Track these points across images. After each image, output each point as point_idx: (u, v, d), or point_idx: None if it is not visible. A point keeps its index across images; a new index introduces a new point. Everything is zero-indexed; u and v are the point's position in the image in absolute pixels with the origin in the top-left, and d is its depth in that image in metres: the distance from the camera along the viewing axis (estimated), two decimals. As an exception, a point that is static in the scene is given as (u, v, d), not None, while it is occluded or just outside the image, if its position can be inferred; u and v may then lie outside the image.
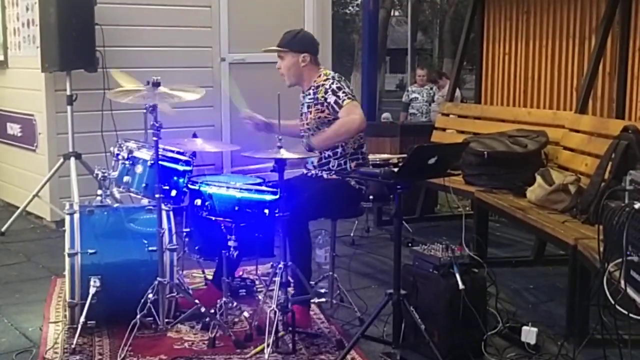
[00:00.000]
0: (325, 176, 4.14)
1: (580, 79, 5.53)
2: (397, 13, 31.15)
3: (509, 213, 4.59)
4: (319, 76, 4.18)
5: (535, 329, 3.66)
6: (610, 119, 5.14)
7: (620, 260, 2.90)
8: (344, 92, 4.03)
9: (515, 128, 5.51)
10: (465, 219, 4.45)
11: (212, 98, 6.67)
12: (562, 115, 5.51)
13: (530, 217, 4.32)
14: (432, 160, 3.46)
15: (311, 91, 4.17)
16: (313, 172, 4.20)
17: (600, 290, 2.98)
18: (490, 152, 5.07)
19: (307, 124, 4.19)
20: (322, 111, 4.09)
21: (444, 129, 6.65)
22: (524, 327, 3.69)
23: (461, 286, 3.50)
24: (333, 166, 4.11)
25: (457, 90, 8.10)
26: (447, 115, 6.78)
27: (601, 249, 3.07)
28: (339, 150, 4.10)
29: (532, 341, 3.64)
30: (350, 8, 29.38)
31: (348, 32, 28.65)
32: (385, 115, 9.58)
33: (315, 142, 4.03)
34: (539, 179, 4.57)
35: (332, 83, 4.07)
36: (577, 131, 5.08)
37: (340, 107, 4.00)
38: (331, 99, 4.03)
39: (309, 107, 4.17)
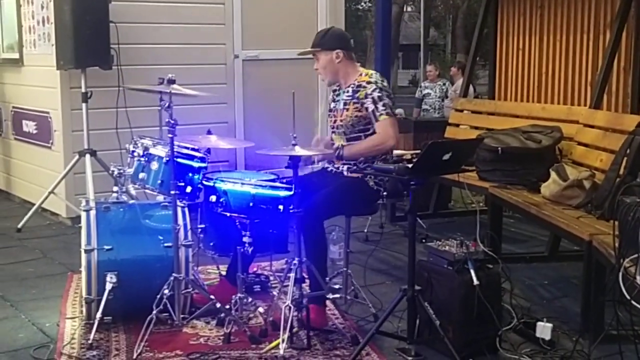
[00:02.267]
0: (345, 172, 4.15)
1: (595, 74, 5.50)
2: (409, 9, 31.16)
3: (523, 209, 4.58)
4: (360, 75, 4.18)
5: (550, 325, 3.66)
6: (625, 114, 5.12)
7: (635, 255, 2.90)
8: (383, 105, 4.05)
9: (529, 124, 5.50)
10: (479, 214, 4.45)
11: (226, 95, 6.70)
12: (576, 110, 5.49)
13: (544, 213, 4.31)
14: (446, 156, 3.47)
15: (350, 89, 4.16)
16: (335, 165, 4.21)
17: (616, 285, 2.97)
18: (504, 148, 5.06)
19: (342, 120, 4.18)
20: (360, 111, 4.11)
21: (457, 125, 6.64)
22: (539, 323, 3.69)
23: (476, 282, 3.50)
24: (360, 162, 4.12)
25: (471, 86, 8.07)
26: (461, 111, 6.77)
27: (616, 244, 3.07)
28: None
29: (547, 337, 3.65)
30: (362, 4, 29.42)
31: (360, 28, 28.68)
32: (398, 111, 9.53)
33: (347, 153, 4.10)
34: (553, 174, 4.56)
35: (374, 90, 4.07)
36: (592, 126, 5.06)
37: (377, 119, 4.04)
38: (370, 106, 4.06)
39: (345, 104, 4.17)
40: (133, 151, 4.14)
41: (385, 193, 4.21)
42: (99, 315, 3.74)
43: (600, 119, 5.03)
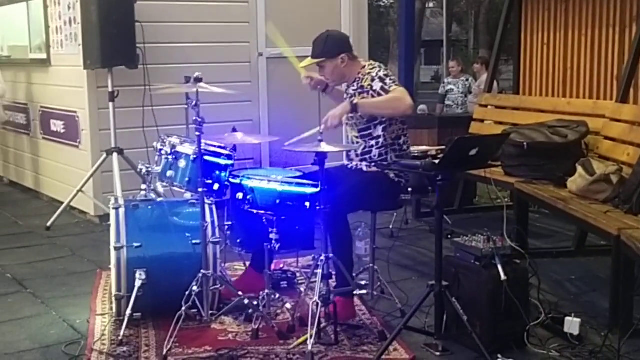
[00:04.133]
0: (364, 168, 4.16)
1: (621, 67, 5.46)
2: (431, 4, 31.01)
3: (549, 204, 4.56)
4: (363, 67, 4.19)
5: (578, 320, 3.65)
6: (653, 107, 5.08)
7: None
8: (390, 79, 4.05)
9: (555, 118, 5.47)
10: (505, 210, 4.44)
11: (251, 93, 6.73)
12: (602, 104, 5.45)
13: (571, 208, 4.29)
14: (473, 152, 3.47)
15: (356, 83, 4.18)
16: (354, 163, 4.22)
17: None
18: (530, 143, 5.03)
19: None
20: (366, 98, 4.11)
21: (482, 120, 6.61)
22: (567, 318, 3.68)
23: (503, 277, 3.50)
24: (374, 156, 4.12)
25: (494, 82, 8.03)
26: (485, 106, 6.74)
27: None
28: (381, 140, 4.10)
29: (575, 332, 3.63)
30: (384, 0, 29.33)
31: (383, 24, 28.61)
32: (422, 107, 9.56)
33: (361, 104, 3.98)
34: (580, 169, 4.53)
35: (379, 71, 4.09)
36: (618, 121, 5.02)
37: (388, 92, 4.00)
38: (377, 85, 4.04)
39: (353, 96, 4.18)
40: (161, 149, 4.19)
41: (410, 188, 4.22)
42: (128, 311, 3.78)
43: (626, 113, 4.99)
